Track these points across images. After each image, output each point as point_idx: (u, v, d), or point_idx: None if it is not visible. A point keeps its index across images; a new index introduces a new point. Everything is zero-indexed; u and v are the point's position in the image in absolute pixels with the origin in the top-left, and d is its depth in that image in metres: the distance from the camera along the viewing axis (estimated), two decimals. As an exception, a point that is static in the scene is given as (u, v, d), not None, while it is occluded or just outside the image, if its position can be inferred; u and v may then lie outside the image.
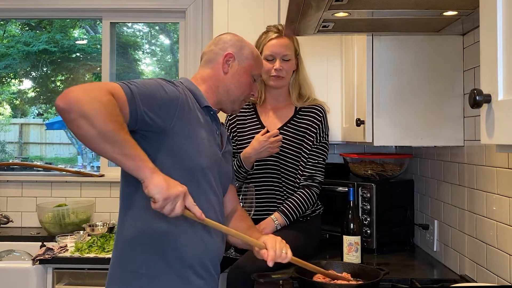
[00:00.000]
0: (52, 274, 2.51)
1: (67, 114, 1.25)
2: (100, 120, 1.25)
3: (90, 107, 1.24)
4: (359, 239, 1.97)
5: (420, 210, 2.41)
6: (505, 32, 0.85)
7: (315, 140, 2.26)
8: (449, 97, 1.93)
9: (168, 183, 1.31)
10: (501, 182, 1.60)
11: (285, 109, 2.32)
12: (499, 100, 0.86)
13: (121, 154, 1.29)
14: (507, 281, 1.55)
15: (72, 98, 1.25)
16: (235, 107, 1.77)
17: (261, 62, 1.81)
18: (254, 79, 1.77)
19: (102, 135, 1.25)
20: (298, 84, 2.30)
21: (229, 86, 1.71)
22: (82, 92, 1.26)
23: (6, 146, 4.13)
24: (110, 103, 1.29)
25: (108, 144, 1.27)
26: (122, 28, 3.73)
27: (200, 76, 1.73)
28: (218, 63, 1.71)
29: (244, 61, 1.73)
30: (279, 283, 1.73)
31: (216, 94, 1.71)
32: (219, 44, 1.74)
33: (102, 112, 1.26)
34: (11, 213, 3.17)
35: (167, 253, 1.52)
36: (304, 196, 2.19)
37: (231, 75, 1.71)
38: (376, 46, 1.93)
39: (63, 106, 1.24)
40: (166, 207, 1.31)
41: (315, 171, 2.23)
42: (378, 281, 1.62)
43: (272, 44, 2.22)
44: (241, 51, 1.73)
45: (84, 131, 1.26)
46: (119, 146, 1.28)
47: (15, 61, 3.79)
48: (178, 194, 1.31)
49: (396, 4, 1.47)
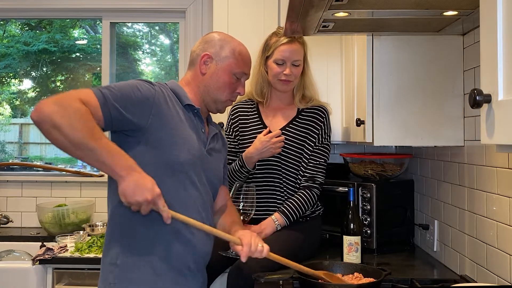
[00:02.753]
0: (52, 274, 2.50)
1: (40, 125, 1.33)
2: (70, 129, 1.32)
3: (60, 118, 1.31)
4: (359, 239, 1.97)
5: (420, 210, 2.41)
6: (505, 32, 0.85)
7: (317, 141, 2.26)
8: (449, 97, 1.93)
9: (135, 189, 1.37)
10: (501, 182, 1.60)
11: (288, 109, 2.32)
12: (499, 100, 0.85)
13: (95, 161, 1.37)
14: (507, 281, 1.55)
15: (43, 110, 1.32)
16: (219, 107, 1.76)
17: (244, 60, 1.76)
18: (237, 77, 1.74)
19: (74, 144, 1.33)
20: (302, 87, 2.30)
21: (209, 87, 1.72)
22: (53, 103, 1.33)
23: (6, 146, 4.12)
24: (80, 111, 1.35)
25: (81, 151, 1.35)
26: (122, 28, 3.73)
27: (185, 78, 1.77)
28: (197, 64, 1.73)
29: (223, 61, 1.71)
30: (279, 283, 1.73)
31: (198, 95, 1.73)
32: (201, 45, 1.75)
33: (71, 121, 1.32)
34: (11, 213, 3.17)
35: (140, 245, 1.55)
36: (304, 197, 2.19)
37: (209, 76, 1.71)
38: (376, 46, 1.93)
39: (36, 119, 1.32)
40: (132, 208, 1.40)
41: (316, 172, 2.23)
42: (380, 281, 1.62)
43: (283, 49, 2.19)
44: (220, 50, 1.72)
45: (58, 141, 1.34)
46: (91, 153, 1.35)
47: (15, 61, 3.79)
48: (141, 202, 1.37)
49: (396, 4, 1.47)
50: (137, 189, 1.37)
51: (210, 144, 1.73)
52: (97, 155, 1.35)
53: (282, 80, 2.22)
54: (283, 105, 2.32)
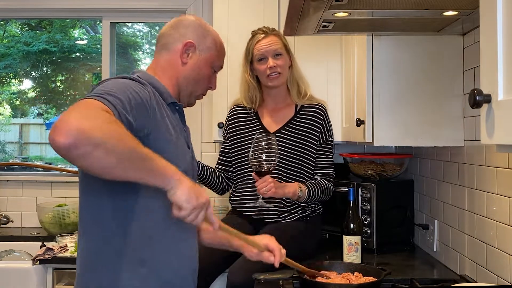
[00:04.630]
0: (52, 274, 2.50)
1: (76, 149, 1.03)
2: (116, 141, 1.08)
3: (99, 132, 1.06)
4: (359, 239, 1.97)
5: (420, 210, 2.41)
6: (505, 32, 0.85)
7: (321, 139, 2.28)
8: (449, 97, 1.93)
9: (195, 191, 1.20)
10: (501, 182, 1.60)
11: (285, 109, 2.32)
12: (499, 100, 0.86)
13: (146, 170, 1.15)
14: (507, 281, 1.55)
15: (74, 129, 1.03)
16: (191, 100, 1.60)
17: (223, 52, 1.62)
18: (215, 70, 1.61)
19: (123, 157, 1.09)
20: (295, 81, 2.32)
21: (188, 79, 1.54)
22: (80, 118, 1.06)
23: (6, 146, 4.12)
24: (111, 119, 1.13)
25: (130, 163, 1.12)
26: (122, 28, 3.73)
27: (159, 66, 1.54)
28: (176, 51, 1.52)
29: (205, 51, 1.55)
30: (279, 283, 1.73)
31: (175, 86, 1.54)
32: (180, 29, 1.54)
33: (112, 131, 1.09)
34: (11, 213, 3.16)
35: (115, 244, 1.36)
36: (325, 184, 2.25)
37: (191, 66, 1.53)
38: (376, 46, 1.93)
39: (69, 142, 1.02)
40: (192, 215, 1.20)
41: (329, 169, 2.31)
42: (380, 281, 1.62)
43: (259, 45, 2.25)
44: (203, 39, 1.55)
45: (101, 162, 1.07)
46: (142, 163, 1.13)
47: (15, 61, 3.79)
48: (205, 204, 1.22)
49: (396, 4, 1.47)
50: (198, 192, 1.21)
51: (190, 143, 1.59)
52: (149, 162, 1.15)
53: (270, 76, 2.23)
54: (279, 105, 2.34)
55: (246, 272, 1.84)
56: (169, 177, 1.17)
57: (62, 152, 1.05)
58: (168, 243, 1.40)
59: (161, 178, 1.17)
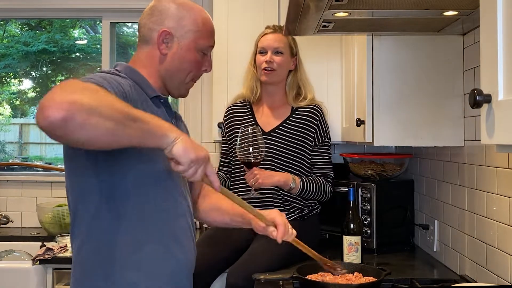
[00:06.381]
0: (52, 274, 2.50)
1: (73, 120, 0.99)
2: (108, 106, 1.04)
3: (89, 99, 1.02)
4: (359, 239, 1.97)
5: (420, 210, 2.41)
6: (505, 32, 0.85)
7: (316, 140, 2.28)
8: (449, 97, 1.93)
9: (194, 146, 1.16)
10: (501, 182, 1.60)
11: (281, 108, 2.33)
12: (499, 100, 0.85)
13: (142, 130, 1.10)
14: (507, 281, 1.55)
15: (65, 101, 0.99)
16: (182, 91, 1.50)
17: (209, 30, 1.47)
18: (204, 52, 1.46)
19: (119, 120, 1.05)
20: (296, 84, 2.32)
21: (171, 70, 1.43)
22: (69, 92, 1.02)
23: (6, 146, 4.12)
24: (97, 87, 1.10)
25: (127, 128, 1.07)
26: (122, 28, 3.73)
27: (139, 60, 1.45)
28: (154, 42, 1.41)
29: (185, 37, 1.41)
30: (279, 283, 1.73)
31: (159, 79, 1.44)
32: (154, 16, 1.42)
33: (106, 98, 1.06)
34: (11, 213, 3.17)
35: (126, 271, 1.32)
36: (321, 182, 2.24)
37: (171, 57, 1.42)
38: (376, 46, 1.93)
39: (63, 114, 0.98)
40: (190, 170, 1.16)
41: (326, 170, 2.30)
42: (380, 281, 1.62)
43: (264, 39, 2.29)
44: (180, 24, 1.41)
45: (99, 127, 1.02)
46: (138, 124, 1.09)
47: (15, 61, 3.79)
48: (204, 158, 1.18)
49: (396, 4, 1.46)
50: (197, 146, 1.17)
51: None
52: (143, 122, 1.10)
53: (264, 70, 2.24)
54: (276, 104, 2.34)
55: (245, 273, 1.84)
56: (165, 134, 1.13)
57: (57, 127, 0.99)
58: (161, 247, 1.37)
59: (158, 137, 1.13)
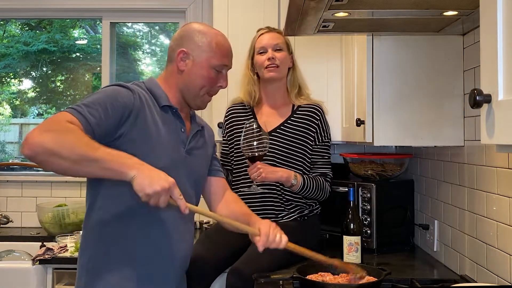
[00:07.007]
0: (52, 274, 2.50)
1: (35, 158, 1.30)
2: (69, 149, 1.30)
3: (53, 143, 1.29)
4: (359, 239, 1.97)
5: (420, 210, 2.41)
6: (505, 32, 0.85)
7: (316, 140, 2.28)
8: (449, 97, 1.93)
9: (152, 180, 1.32)
10: (501, 182, 1.60)
11: (282, 109, 2.33)
12: (499, 100, 0.85)
13: (102, 169, 1.33)
14: (507, 281, 1.55)
15: (34, 142, 1.29)
16: (198, 103, 1.70)
17: (223, 51, 1.67)
18: (218, 70, 1.66)
19: (77, 161, 1.31)
20: (297, 82, 2.33)
21: (188, 84, 1.65)
22: (41, 132, 1.31)
23: (6, 146, 4.11)
24: (69, 128, 1.34)
25: (86, 166, 1.32)
26: (122, 28, 3.73)
27: (163, 75, 1.70)
28: (174, 60, 1.66)
29: (200, 56, 1.63)
30: (279, 283, 1.73)
31: (177, 93, 1.67)
32: (177, 39, 1.67)
33: (66, 141, 1.31)
34: (11, 213, 3.17)
35: (112, 250, 1.55)
36: (320, 181, 2.24)
37: (187, 73, 1.64)
38: (376, 46, 1.93)
39: (29, 153, 1.29)
40: (152, 200, 1.34)
41: (326, 170, 2.30)
42: (380, 281, 1.62)
43: (262, 38, 2.30)
44: (197, 45, 1.63)
45: (60, 167, 1.32)
46: (97, 164, 1.32)
47: (15, 61, 3.78)
48: (160, 191, 1.33)
49: (396, 4, 1.47)
50: (153, 179, 1.32)
51: (190, 143, 1.68)
52: (103, 163, 1.32)
53: (268, 67, 2.24)
54: (277, 103, 2.34)
55: (246, 272, 1.84)
56: (127, 171, 1.32)
57: (30, 159, 1.32)
58: (151, 244, 1.56)
59: (119, 174, 1.33)
